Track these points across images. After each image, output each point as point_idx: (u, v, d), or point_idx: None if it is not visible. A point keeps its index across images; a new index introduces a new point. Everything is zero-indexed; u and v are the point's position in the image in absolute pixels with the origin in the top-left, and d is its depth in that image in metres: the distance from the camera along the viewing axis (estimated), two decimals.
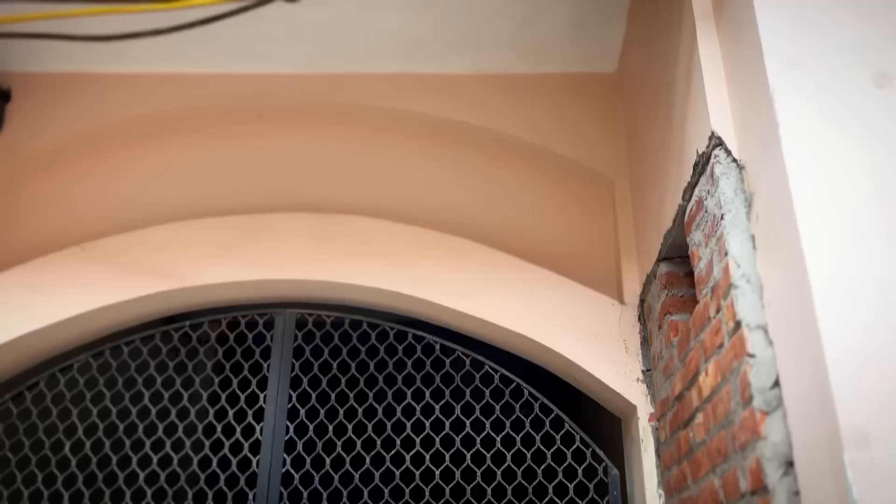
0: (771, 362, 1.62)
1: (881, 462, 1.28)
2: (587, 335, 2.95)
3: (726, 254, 1.80)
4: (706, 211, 2.00)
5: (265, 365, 3.12)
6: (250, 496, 2.89)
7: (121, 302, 3.01)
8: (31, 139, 3.26)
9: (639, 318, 2.94)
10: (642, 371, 2.87)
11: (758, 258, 1.73)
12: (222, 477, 2.95)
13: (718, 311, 1.88)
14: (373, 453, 3.05)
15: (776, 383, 1.60)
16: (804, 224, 1.47)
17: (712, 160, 1.94)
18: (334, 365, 3.17)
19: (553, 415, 3.04)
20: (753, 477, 1.64)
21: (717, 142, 1.95)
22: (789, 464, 1.53)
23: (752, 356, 1.65)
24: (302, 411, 3.07)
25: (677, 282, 2.55)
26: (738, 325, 1.72)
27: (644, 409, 2.80)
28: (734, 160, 1.90)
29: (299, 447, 2.99)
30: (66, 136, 3.30)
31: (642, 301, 2.92)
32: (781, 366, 1.58)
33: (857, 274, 1.44)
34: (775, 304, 1.63)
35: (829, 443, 1.34)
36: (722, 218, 1.84)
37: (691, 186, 2.13)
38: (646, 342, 2.89)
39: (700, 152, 2.04)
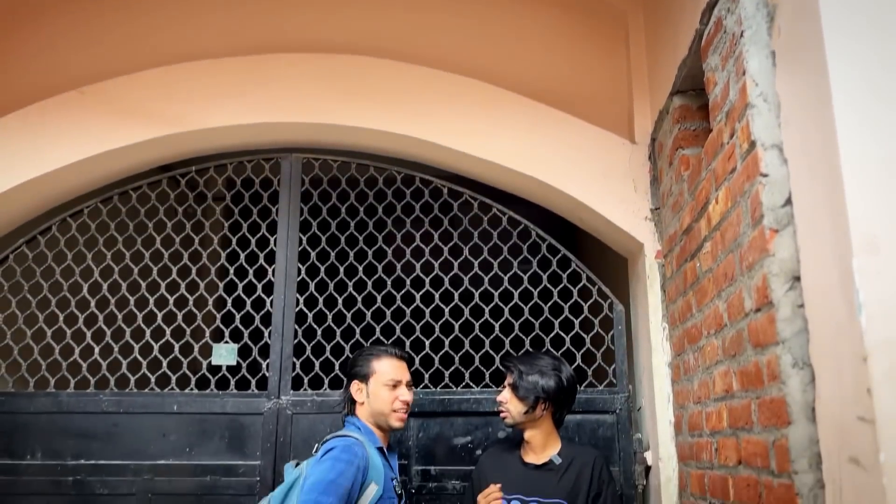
0: (784, 180, 1.60)
1: (888, 267, 1.28)
2: (596, 175, 2.93)
3: (744, 73, 1.74)
4: (725, 31, 1.91)
5: (274, 209, 3.13)
6: (266, 334, 2.99)
7: (124, 147, 2.98)
8: None
9: (649, 157, 2.91)
10: (651, 209, 2.86)
11: (777, 75, 1.66)
12: (237, 316, 3.04)
13: (732, 135, 1.84)
14: (383, 293, 3.12)
15: (788, 201, 1.59)
16: (829, 27, 1.40)
17: None
18: (342, 209, 3.17)
19: (560, 255, 3.08)
20: (759, 294, 1.66)
21: None
22: (796, 278, 1.54)
23: (765, 175, 1.63)
24: (312, 254, 3.11)
25: (690, 115, 2.49)
26: (752, 145, 1.69)
27: (651, 246, 2.82)
28: None
29: (311, 288, 3.05)
30: None
31: (653, 139, 2.87)
32: (794, 183, 1.56)
33: (880, 83, 1.38)
34: (792, 121, 1.58)
35: (839, 252, 1.34)
36: (741, 35, 1.76)
37: (710, 7, 2.03)
38: (655, 181, 2.87)
39: None
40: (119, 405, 2.87)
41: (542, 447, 2.40)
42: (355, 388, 2.34)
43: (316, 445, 2.27)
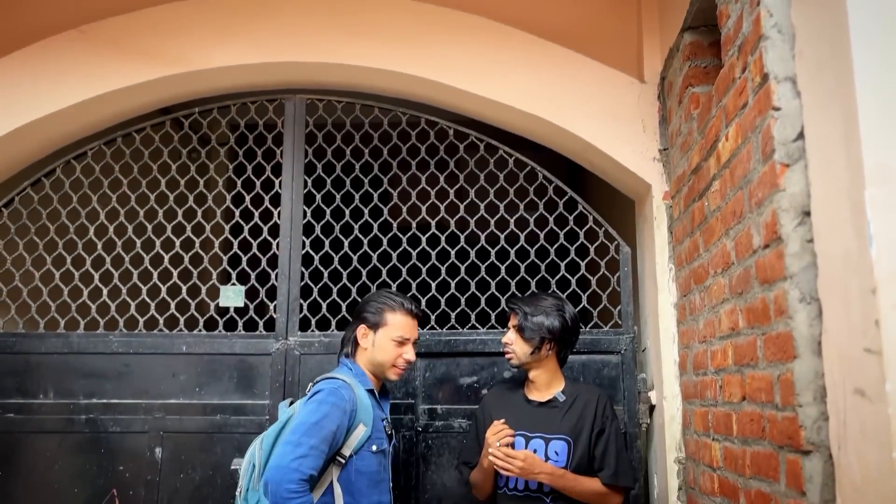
0: (797, 114, 1.57)
1: None
2: (605, 115, 2.89)
3: (758, 3, 1.69)
4: None
5: (278, 151, 3.11)
6: (272, 276, 3.00)
7: (126, 87, 2.95)
8: None
9: (658, 97, 2.86)
10: (659, 150, 2.83)
11: (792, 5, 1.62)
12: (244, 259, 3.04)
13: (745, 69, 1.80)
14: (389, 235, 3.12)
15: (800, 135, 1.56)
16: None
17: None
18: (347, 151, 3.15)
19: (567, 197, 3.06)
20: (768, 230, 1.65)
21: None
22: (805, 213, 1.53)
23: (777, 109, 1.60)
24: (318, 196, 3.10)
25: (701, 52, 2.44)
26: (765, 78, 1.65)
27: (659, 187, 2.80)
28: None
29: (317, 231, 3.05)
30: None
31: (663, 78, 2.82)
32: (807, 116, 1.54)
33: None
34: (806, 52, 1.55)
35: (851, 184, 1.33)
36: None
37: None
38: (664, 121, 2.83)
39: None
40: (129, 346, 2.90)
41: (547, 386, 2.43)
42: (361, 332, 2.32)
43: (309, 385, 2.28)
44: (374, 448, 2.20)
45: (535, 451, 2.31)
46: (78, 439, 2.85)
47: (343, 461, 2.13)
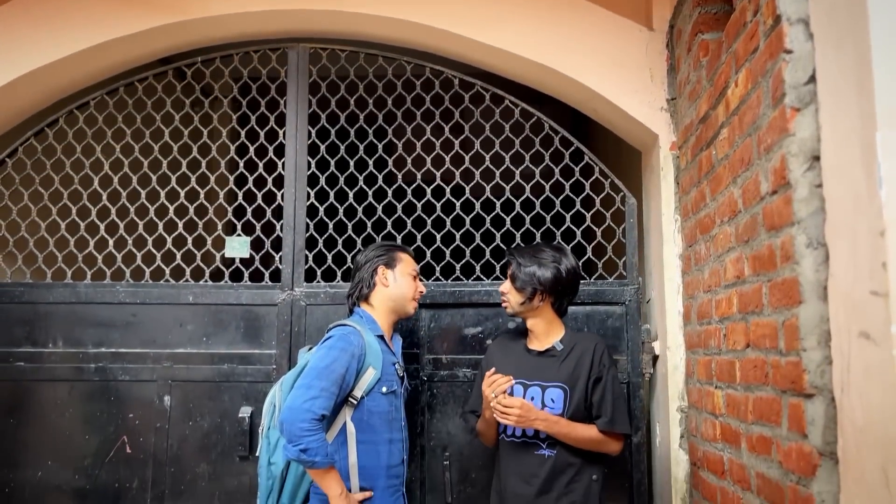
0: (808, 56, 1.55)
1: None
2: (612, 64, 2.85)
3: None
4: None
5: (282, 101, 3.08)
6: (278, 227, 3.00)
7: (126, 36, 2.90)
8: None
9: (667, 45, 2.82)
10: (667, 100, 2.80)
11: None
12: (249, 209, 3.04)
13: (756, 12, 1.77)
14: (394, 186, 3.10)
15: (811, 78, 1.53)
16: None
17: None
18: (351, 101, 3.12)
19: (573, 148, 3.04)
20: (776, 176, 1.64)
21: None
22: (815, 158, 1.51)
23: (789, 52, 1.58)
24: (322, 147, 3.08)
25: None
26: (777, 20, 1.62)
27: (666, 137, 2.78)
28: None
29: (322, 181, 3.04)
30: None
31: (672, 26, 2.77)
32: (819, 58, 1.51)
33: None
34: None
35: (862, 126, 1.31)
36: None
37: None
38: (672, 70, 2.79)
39: None
40: (136, 296, 2.92)
41: (545, 335, 2.44)
42: (381, 272, 2.44)
43: (326, 335, 2.36)
44: (385, 389, 2.32)
45: (532, 399, 2.34)
46: (87, 387, 2.89)
47: (355, 402, 2.26)
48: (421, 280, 2.54)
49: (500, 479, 2.42)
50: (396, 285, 2.44)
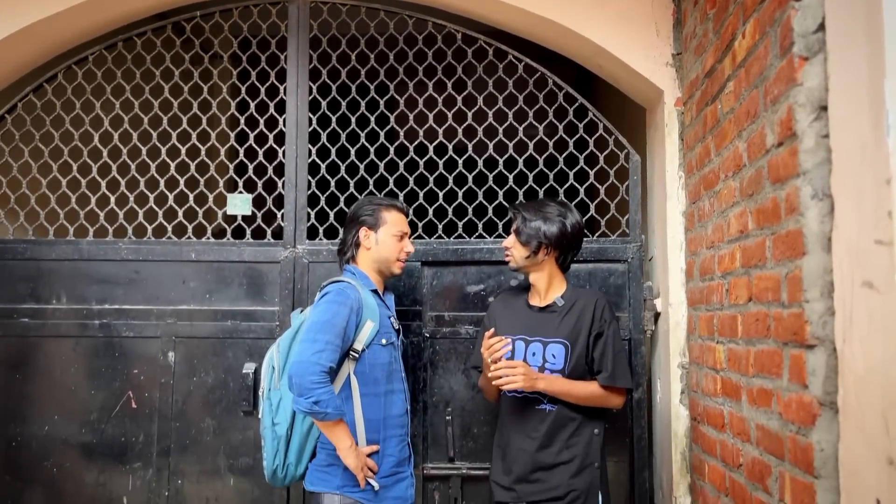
0: (818, 4, 1.52)
1: None
2: (617, 18, 2.80)
3: None
4: None
5: (282, 57, 3.04)
6: (279, 184, 2.99)
7: None
8: None
9: None
10: (672, 55, 2.76)
11: None
12: (250, 166, 3.02)
13: None
14: (396, 144, 3.08)
15: (820, 27, 1.51)
16: None
17: None
18: (352, 57, 3.08)
19: (577, 104, 3.01)
20: (782, 127, 1.62)
21: None
22: (822, 108, 1.50)
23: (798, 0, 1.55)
24: (323, 103, 3.05)
25: None
26: None
27: (671, 93, 2.74)
28: None
29: (323, 138, 3.01)
30: None
31: None
32: (828, 6, 1.48)
33: None
34: None
35: (871, 75, 1.29)
36: None
37: None
38: (678, 24, 2.75)
39: None
40: (138, 253, 2.93)
41: (547, 290, 2.44)
42: (364, 233, 2.44)
43: (318, 293, 2.37)
44: (384, 341, 2.35)
45: (533, 355, 2.36)
46: (92, 343, 2.91)
47: (357, 355, 2.29)
48: (410, 239, 2.52)
49: (502, 434, 2.45)
50: (377, 248, 2.43)
